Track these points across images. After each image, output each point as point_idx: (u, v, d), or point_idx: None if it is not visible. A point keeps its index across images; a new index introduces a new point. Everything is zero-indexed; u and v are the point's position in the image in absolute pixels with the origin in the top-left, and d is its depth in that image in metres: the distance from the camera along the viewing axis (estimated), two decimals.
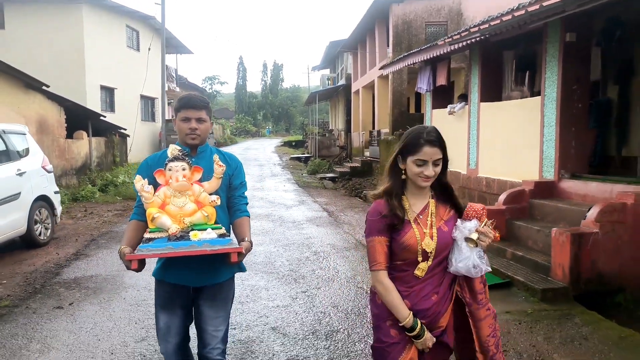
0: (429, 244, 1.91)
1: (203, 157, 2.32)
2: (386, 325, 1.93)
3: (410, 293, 1.91)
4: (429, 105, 10.13)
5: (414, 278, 1.92)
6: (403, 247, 1.90)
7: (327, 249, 6.77)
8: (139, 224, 2.24)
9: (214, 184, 2.18)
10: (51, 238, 7.32)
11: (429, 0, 13.86)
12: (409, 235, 1.90)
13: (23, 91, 10.61)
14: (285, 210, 10.21)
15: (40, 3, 17.07)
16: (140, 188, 2.08)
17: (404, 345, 1.89)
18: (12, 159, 6.72)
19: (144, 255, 1.99)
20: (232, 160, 2.41)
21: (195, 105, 2.26)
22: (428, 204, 1.97)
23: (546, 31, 6.41)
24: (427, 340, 1.87)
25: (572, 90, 6.19)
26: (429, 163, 1.87)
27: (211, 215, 2.12)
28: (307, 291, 4.98)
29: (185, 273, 2.23)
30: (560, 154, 6.26)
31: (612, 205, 4.75)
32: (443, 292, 1.93)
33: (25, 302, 4.75)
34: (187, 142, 2.27)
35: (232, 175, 2.36)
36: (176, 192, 2.12)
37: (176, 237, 2.01)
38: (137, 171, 2.29)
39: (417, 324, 1.86)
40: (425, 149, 1.86)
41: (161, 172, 2.16)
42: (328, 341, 3.77)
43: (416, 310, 1.90)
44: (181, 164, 2.13)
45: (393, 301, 1.89)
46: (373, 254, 1.93)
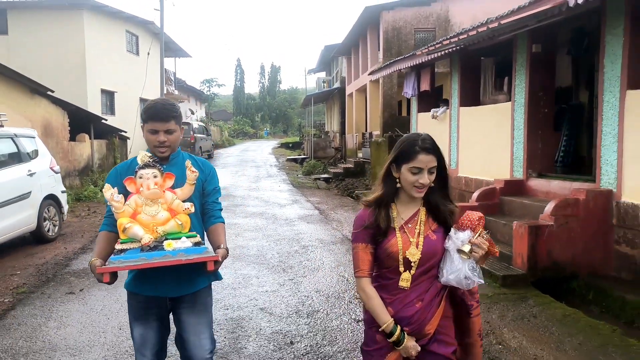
0: (413, 253, 1.91)
1: (175, 163, 2.26)
2: (372, 330, 1.98)
3: (394, 300, 1.93)
4: (415, 109, 10.70)
5: (397, 287, 1.93)
6: (386, 255, 1.92)
7: (315, 243, 7.32)
8: (109, 235, 2.18)
9: (187, 191, 2.13)
10: (59, 234, 7.85)
11: (418, 7, 14.45)
12: (391, 242, 1.92)
13: (29, 96, 11.14)
14: (279, 208, 10.74)
15: (43, 9, 17.58)
16: (110, 197, 2.00)
17: (386, 352, 1.93)
18: (23, 160, 7.25)
19: (117, 267, 1.92)
20: (205, 165, 2.36)
21: (163, 117, 2.16)
22: (418, 211, 1.97)
23: (516, 42, 6.98)
24: (408, 348, 1.87)
25: (539, 96, 6.75)
26: (424, 171, 1.87)
27: (185, 223, 2.06)
28: (294, 279, 5.53)
29: (160, 284, 2.17)
30: (528, 155, 6.82)
31: (566, 201, 5.31)
32: (429, 299, 1.92)
33: (40, 288, 5.29)
34: (157, 154, 2.20)
35: (205, 181, 2.31)
36: (148, 201, 2.04)
37: (149, 247, 1.94)
38: (106, 179, 2.21)
39: (396, 330, 1.88)
40: (420, 156, 1.86)
41: (131, 180, 2.09)
42: (309, 319, 4.32)
43: (399, 317, 1.91)
44: (152, 171, 2.07)
45: (374, 307, 1.92)
46: (357, 261, 1.96)
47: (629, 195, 5.12)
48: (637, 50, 5.05)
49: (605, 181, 5.43)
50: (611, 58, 5.30)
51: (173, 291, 2.20)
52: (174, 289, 2.19)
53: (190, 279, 2.19)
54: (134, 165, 2.14)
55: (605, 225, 5.29)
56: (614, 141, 5.30)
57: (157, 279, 2.15)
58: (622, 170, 5.20)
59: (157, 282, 2.16)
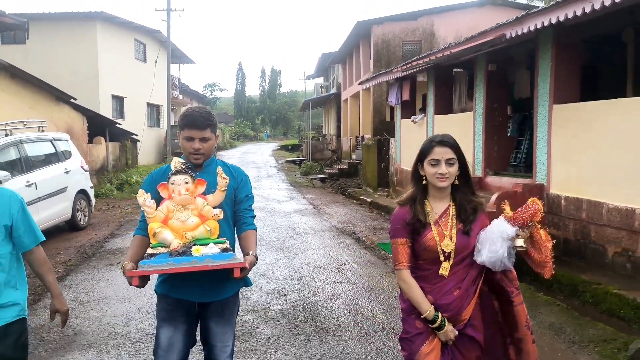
0: (448, 244, 2.05)
1: (208, 170, 2.30)
2: (411, 318, 2.10)
3: (433, 289, 2.06)
4: (399, 115, 12.00)
5: (437, 276, 2.07)
6: (424, 248, 2.07)
7: (308, 231, 8.62)
8: (143, 239, 2.24)
9: (218, 197, 2.16)
10: (88, 223, 9.15)
11: (405, 22, 15.78)
12: (429, 237, 2.06)
13: (54, 103, 12.47)
14: (277, 204, 12.05)
15: (59, 20, 18.89)
16: (143, 202, 2.07)
17: (427, 336, 2.05)
18: (60, 160, 8.56)
19: (145, 271, 1.98)
20: (237, 173, 2.39)
21: (199, 126, 2.22)
22: (449, 206, 2.12)
23: (476, 62, 8.28)
24: (448, 332, 2.02)
25: (494, 107, 8.06)
26: (442, 162, 2.05)
27: (214, 230, 2.10)
28: (288, 255, 6.83)
29: (189, 288, 2.22)
30: (486, 157, 8.13)
31: (507, 193, 6.60)
32: (466, 287, 2.06)
33: (84, 262, 6.60)
34: (191, 161, 2.25)
35: (237, 188, 2.34)
36: (179, 206, 2.10)
37: (178, 253, 1.99)
38: (141, 185, 2.27)
39: (438, 317, 2.02)
40: (436, 149, 2.08)
41: (164, 186, 2.14)
42: (299, 281, 5.62)
43: (439, 305, 2.04)
44: (184, 177, 2.11)
45: (415, 297, 2.05)
46: (396, 255, 2.10)
47: (555, 188, 6.43)
48: (560, 72, 6.34)
49: (539, 177, 6.74)
50: (543, 78, 6.61)
51: (202, 296, 2.24)
52: (202, 295, 2.23)
53: (218, 286, 2.23)
54: (168, 172, 2.19)
55: None
56: (545, 145, 6.61)
57: (185, 284, 2.20)
58: (551, 168, 6.50)
59: (185, 287, 2.21)
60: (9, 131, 7.63)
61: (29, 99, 11.44)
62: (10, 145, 7.31)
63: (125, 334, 4.16)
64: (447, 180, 2.07)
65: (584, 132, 5.92)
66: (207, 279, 2.16)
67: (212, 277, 2.14)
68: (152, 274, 2.03)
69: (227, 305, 2.30)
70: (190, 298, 2.23)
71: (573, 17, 5.14)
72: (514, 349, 2.14)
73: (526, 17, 5.96)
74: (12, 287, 2.23)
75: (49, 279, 2.33)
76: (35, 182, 7.47)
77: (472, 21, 14.88)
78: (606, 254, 5.57)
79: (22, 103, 11.09)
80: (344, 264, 6.37)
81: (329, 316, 4.55)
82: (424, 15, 15.73)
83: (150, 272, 2.00)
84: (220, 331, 2.28)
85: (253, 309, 4.76)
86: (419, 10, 15.84)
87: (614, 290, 4.87)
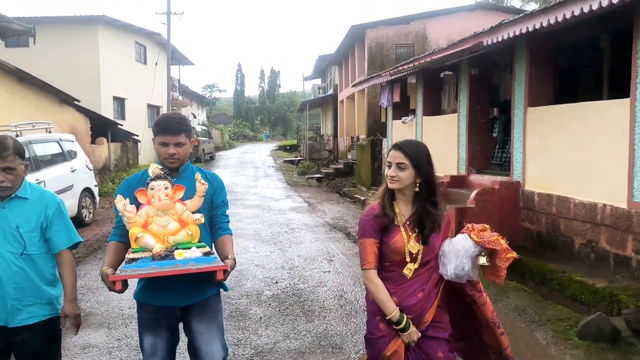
0: (414, 245, 2.13)
1: (185, 176, 2.33)
2: (376, 320, 2.15)
3: (398, 290, 2.12)
4: (390, 116, 12.48)
5: (401, 277, 2.13)
6: (391, 250, 2.12)
7: (301, 227, 9.09)
8: (118, 245, 2.24)
9: (196, 202, 2.20)
10: (93, 220, 9.62)
11: (398, 26, 16.25)
12: (397, 238, 2.13)
13: (59, 105, 12.94)
14: (273, 202, 12.52)
15: (62, 23, 19.32)
16: (123, 208, 2.07)
17: (390, 338, 2.09)
18: (66, 159, 9.02)
19: (129, 275, 1.99)
20: (213, 179, 2.43)
21: (173, 131, 2.25)
22: (415, 211, 2.21)
23: (460, 66, 8.76)
24: (412, 333, 2.07)
25: (477, 109, 8.53)
26: (393, 165, 2.15)
27: (195, 234, 2.14)
28: (282, 248, 7.30)
29: (169, 293, 2.23)
30: (469, 156, 8.60)
31: (485, 189, 7.08)
32: (429, 289, 2.13)
33: (91, 255, 7.07)
34: (167, 165, 2.28)
35: (213, 193, 2.37)
36: (159, 211, 2.11)
37: (160, 257, 2.01)
38: (117, 191, 2.30)
39: (403, 318, 2.07)
40: (391, 152, 2.18)
41: (143, 192, 2.16)
42: (290, 270, 6.09)
43: (403, 306, 2.10)
44: (163, 183, 2.14)
45: (382, 297, 2.09)
46: (364, 255, 2.14)
47: (529, 185, 6.90)
48: (534, 77, 6.82)
49: (515, 175, 7.21)
50: (519, 82, 7.09)
51: (183, 300, 2.25)
52: (183, 299, 2.25)
53: (199, 287, 2.26)
54: (145, 177, 2.22)
55: (514, 207, 7.06)
56: (520, 145, 7.08)
57: (166, 289, 2.21)
58: (526, 166, 6.98)
59: (166, 292, 2.22)
60: (19, 132, 8.09)
61: (35, 101, 11.91)
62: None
63: (132, 314, 4.62)
64: (397, 183, 2.14)
65: (553, 133, 6.39)
66: (187, 282, 2.18)
67: (192, 280, 2.16)
68: (136, 277, 2.05)
69: (209, 304, 2.32)
70: (172, 303, 2.25)
71: (540, 27, 5.62)
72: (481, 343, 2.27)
73: (500, 26, 6.44)
74: (49, 284, 2.33)
75: (69, 281, 2.35)
76: (44, 180, 7.91)
77: (463, 25, 15.32)
78: (573, 245, 6.05)
79: (28, 105, 11.55)
80: (333, 256, 6.84)
81: (316, 300, 5.02)
82: (416, 20, 16.21)
83: (134, 276, 2.02)
84: (204, 330, 2.29)
85: (247, 294, 5.23)
86: (412, 14, 16.31)
87: (576, 278, 5.34)
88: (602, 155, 5.53)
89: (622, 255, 5.31)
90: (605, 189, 5.49)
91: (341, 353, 3.81)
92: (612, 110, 5.43)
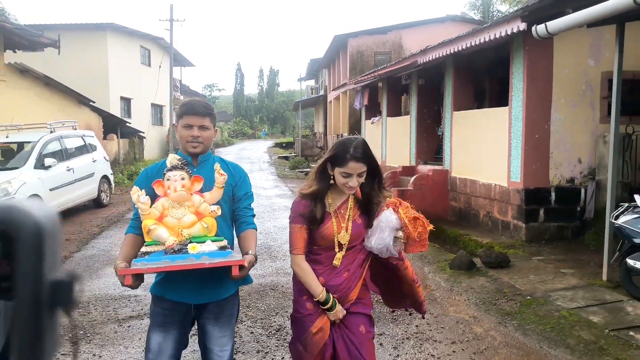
0: (344, 236, 2.19)
1: (205, 166, 2.24)
2: (303, 299, 2.24)
3: (325, 271, 2.21)
4: (363, 117, 14.44)
5: (329, 261, 2.21)
6: (321, 237, 2.19)
7: (281, 208, 11.04)
8: (135, 238, 2.16)
9: (215, 195, 2.11)
10: (109, 202, 11.58)
11: (377, 35, 18.18)
12: (327, 226, 2.19)
13: (77, 105, 14.89)
14: (263, 190, 14.46)
15: (74, 30, 21.17)
16: (137, 199, 2.01)
17: (316, 317, 2.20)
18: (88, 151, 10.96)
19: (138, 270, 1.92)
20: (235, 170, 2.33)
21: (198, 112, 2.18)
22: (348, 198, 2.24)
23: (411, 77, 10.70)
24: (338, 312, 2.18)
25: (424, 112, 10.47)
26: (354, 176, 2.11)
27: (211, 227, 2.05)
28: (262, 221, 9.25)
29: (186, 290, 2.16)
30: (417, 150, 10.55)
31: (421, 175, 9.03)
32: (354, 269, 2.23)
33: (113, 225, 9.03)
34: (189, 150, 2.19)
35: (235, 185, 2.28)
36: (175, 203, 2.04)
37: (173, 250, 1.94)
38: (135, 182, 2.23)
39: (330, 299, 2.16)
40: (350, 164, 2.09)
41: (160, 183, 2.08)
42: (266, 235, 8.05)
43: (329, 286, 2.19)
44: (180, 173, 2.07)
45: (309, 281, 2.17)
46: (293, 240, 2.19)
47: (454, 172, 8.85)
48: (457, 88, 8.75)
49: (446, 164, 9.17)
50: (448, 92, 9.03)
51: (199, 297, 2.19)
52: (200, 295, 2.19)
53: (216, 285, 2.18)
54: (164, 168, 2.15)
55: (444, 189, 9.01)
56: (449, 141, 9.03)
57: (182, 284, 2.15)
58: (452, 157, 8.93)
59: (182, 288, 2.16)
60: (53, 129, 10.02)
61: (58, 103, 13.87)
62: (55, 140, 9.72)
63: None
64: (355, 189, 2.19)
65: (469, 131, 8.34)
66: (204, 278, 2.13)
67: (209, 276, 2.11)
68: (146, 272, 1.96)
69: (225, 305, 2.25)
70: (187, 300, 2.19)
71: (454, 52, 7.57)
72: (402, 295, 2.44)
73: (428, 50, 8.39)
74: None
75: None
76: (73, 167, 9.87)
77: (435, 35, 17.20)
78: (479, 216, 8.01)
79: (53, 106, 13.51)
80: None
81: (280, 250, 6.98)
82: (393, 30, 18.13)
83: (144, 271, 1.94)
84: (218, 334, 2.23)
85: None
86: (389, 25, 18.24)
87: (473, 238, 7.31)
88: (494, 147, 7.48)
89: (506, 220, 7.27)
90: (496, 173, 7.45)
91: (290, 276, 5.75)
92: (499, 114, 7.39)
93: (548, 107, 6.75)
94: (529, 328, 4.13)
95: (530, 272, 5.51)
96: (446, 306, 4.77)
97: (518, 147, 6.85)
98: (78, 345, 3.82)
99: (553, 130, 6.79)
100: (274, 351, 3.84)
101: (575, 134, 6.86)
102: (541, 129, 6.76)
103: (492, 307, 4.66)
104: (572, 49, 6.72)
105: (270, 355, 3.78)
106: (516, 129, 6.89)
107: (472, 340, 3.94)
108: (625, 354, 3.53)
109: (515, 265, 5.79)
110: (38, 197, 8.29)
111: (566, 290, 4.86)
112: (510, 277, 5.42)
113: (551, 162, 6.83)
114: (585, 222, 6.84)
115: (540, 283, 5.15)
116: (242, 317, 4.50)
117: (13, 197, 7.78)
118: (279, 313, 4.65)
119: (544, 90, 6.72)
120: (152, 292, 2.25)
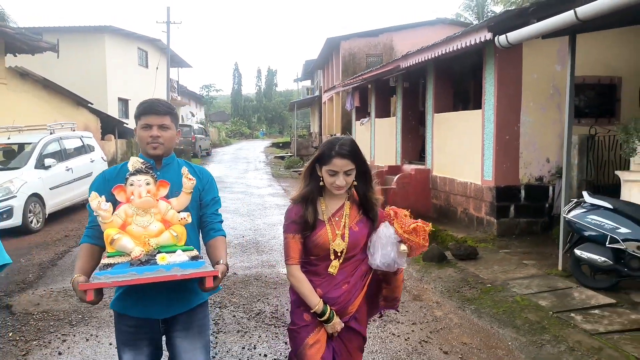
0: (339, 244, 2.11)
1: (169, 169, 2.10)
2: (299, 310, 2.18)
3: (323, 282, 2.14)
4: (354, 118, 14.87)
5: (326, 271, 2.13)
6: (315, 245, 2.11)
7: (273, 206, 11.48)
8: (92, 248, 1.99)
9: (183, 200, 1.97)
10: None
11: (368, 38, 18.61)
12: (320, 234, 2.11)
13: (75, 106, 15.32)
14: (256, 189, 14.90)
15: (72, 32, 21.59)
16: (97, 206, 1.81)
17: (312, 328, 2.14)
18: (86, 152, 11.39)
19: (103, 284, 1.74)
20: (202, 173, 2.20)
21: (158, 111, 2.03)
22: (343, 205, 2.16)
23: (397, 80, 11.14)
24: (336, 324, 2.11)
25: (408, 114, 10.91)
26: (340, 174, 2.04)
27: (181, 235, 1.91)
28: (253, 219, 9.70)
29: (151, 304, 2.00)
30: (402, 150, 10.99)
31: (404, 174, 9.47)
32: (354, 282, 2.14)
33: None
34: (149, 152, 2.05)
35: (202, 190, 2.16)
36: (139, 210, 1.88)
37: (140, 262, 1.78)
38: (91, 186, 2.05)
39: (327, 310, 2.09)
40: (335, 160, 2.03)
41: (121, 188, 1.90)
42: (255, 230, 8.49)
43: (327, 298, 2.11)
44: (144, 178, 1.90)
45: (305, 291, 2.10)
46: (287, 250, 2.13)
47: (435, 171, 9.29)
48: (438, 91, 9.19)
49: (428, 164, 9.61)
50: (429, 95, 9.47)
51: (166, 311, 2.04)
52: (168, 309, 2.04)
53: (184, 296, 2.05)
54: (124, 172, 1.97)
55: (426, 188, 9.45)
56: (430, 141, 9.47)
57: (147, 299, 1.98)
58: (434, 157, 9.37)
59: (147, 303, 1.99)
60: (53, 130, 10.44)
61: (56, 104, 14.29)
62: (55, 141, 10.14)
63: None
64: (344, 188, 2.10)
65: (447, 132, 8.79)
66: (171, 290, 1.98)
67: (176, 288, 1.96)
68: (111, 286, 1.80)
69: (195, 315, 2.11)
70: (153, 315, 2.03)
71: (433, 57, 8.01)
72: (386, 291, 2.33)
73: (409, 55, 8.83)
74: None
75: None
76: (72, 167, 10.29)
77: (425, 37, 17.64)
78: (457, 213, 8.45)
79: (51, 108, 13.93)
80: None
81: (267, 244, 7.42)
82: (384, 33, 18.56)
83: (109, 285, 1.76)
84: (189, 347, 2.08)
85: None
86: (381, 28, 18.67)
87: (449, 233, 7.75)
88: (470, 148, 7.93)
89: (480, 217, 7.72)
90: (471, 172, 7.89)
91: (274, 267, 6.20)
92: (474, 117, 7.83)
93: (518, 110, 7.19)
94: (484, 311, 4.58)
95: (495, 264, 5.96)
96: (414, 293, 5.21)
97: (490, 148, 7.29)
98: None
99: (523, 132, 7.24)
100: (252, 331, 4.28)
101: (543, 135, 7.30)
102: (511, 131, 7.20)
103: (455, 294, 5.10)
104: (540, 55, 7.17)
105: (248, 334, 4.22)
106: (488, 131, 7.33)
107: (431, 322, 4.38)
108: (562, 332, 3.98)
109: (482, 258, 6.24)
110: (38, 196, 8.75)
111: (524, 279, 5.31)
112: (476, 267, 5.87)
113: (521, 162, 7.28)
114: (553, 217, 7.28)
115: (502, 273, 5.59)
116: (225, 303, 4.93)
117: (15, 195, 8.22)
118: (260, 300, 5.09)
119: (514, 94, 7.16)
120: (113, 308, 2.08)
